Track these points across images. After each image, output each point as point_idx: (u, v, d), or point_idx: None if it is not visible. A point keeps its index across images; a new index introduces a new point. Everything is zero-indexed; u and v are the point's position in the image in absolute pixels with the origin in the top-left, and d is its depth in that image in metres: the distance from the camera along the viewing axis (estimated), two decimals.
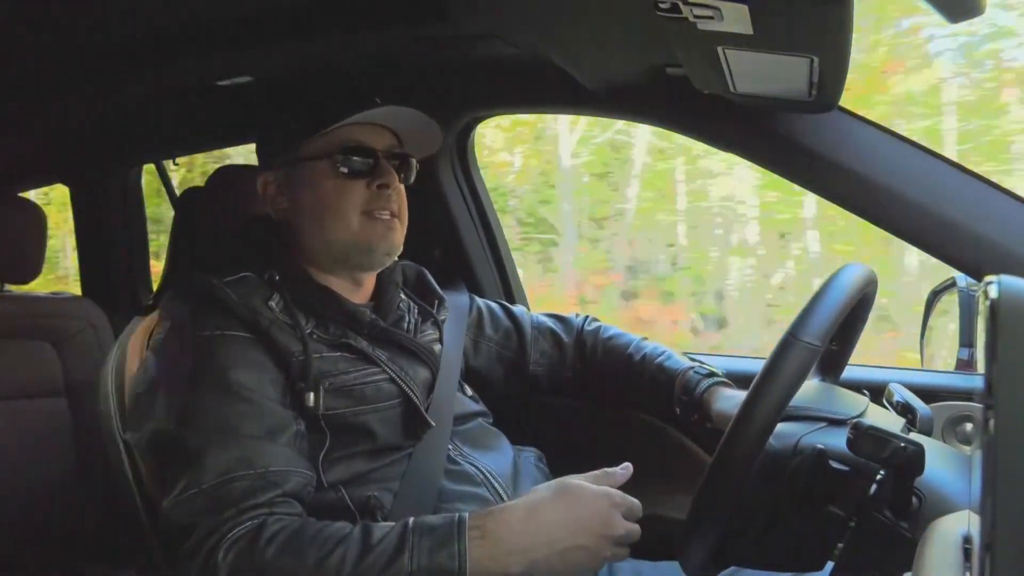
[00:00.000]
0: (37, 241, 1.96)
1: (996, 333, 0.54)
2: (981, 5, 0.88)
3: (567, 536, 0.95)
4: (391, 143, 1.22)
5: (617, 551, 0.97)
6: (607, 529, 0.96)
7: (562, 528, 0.95)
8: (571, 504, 0.97)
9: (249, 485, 0.98)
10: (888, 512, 0.89)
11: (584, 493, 0.98)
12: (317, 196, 1.17)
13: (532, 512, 0.96)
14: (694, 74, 1.23)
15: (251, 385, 1.04)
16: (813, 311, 0.91)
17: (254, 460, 1.00)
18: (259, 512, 0.97)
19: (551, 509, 0.96)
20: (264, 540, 0.93)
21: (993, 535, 0.52)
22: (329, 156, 1.17)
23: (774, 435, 0.92)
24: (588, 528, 0.96)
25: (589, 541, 0.96)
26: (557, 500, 0.97)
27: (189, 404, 1.03)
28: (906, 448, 0.85)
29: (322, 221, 1.17)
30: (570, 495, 0.98)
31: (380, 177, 1.17)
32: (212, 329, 1.07)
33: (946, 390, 1.35)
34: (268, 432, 1.03)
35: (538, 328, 1.46)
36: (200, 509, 0.97)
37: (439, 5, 1.24)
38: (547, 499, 0.98)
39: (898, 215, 1.26)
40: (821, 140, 1.30)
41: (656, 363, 1.35)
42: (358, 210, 1.17)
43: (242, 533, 0.94)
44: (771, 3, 0.90)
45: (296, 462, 1.03)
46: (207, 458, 0.99)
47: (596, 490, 0.98)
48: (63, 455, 1.89)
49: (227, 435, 1.01)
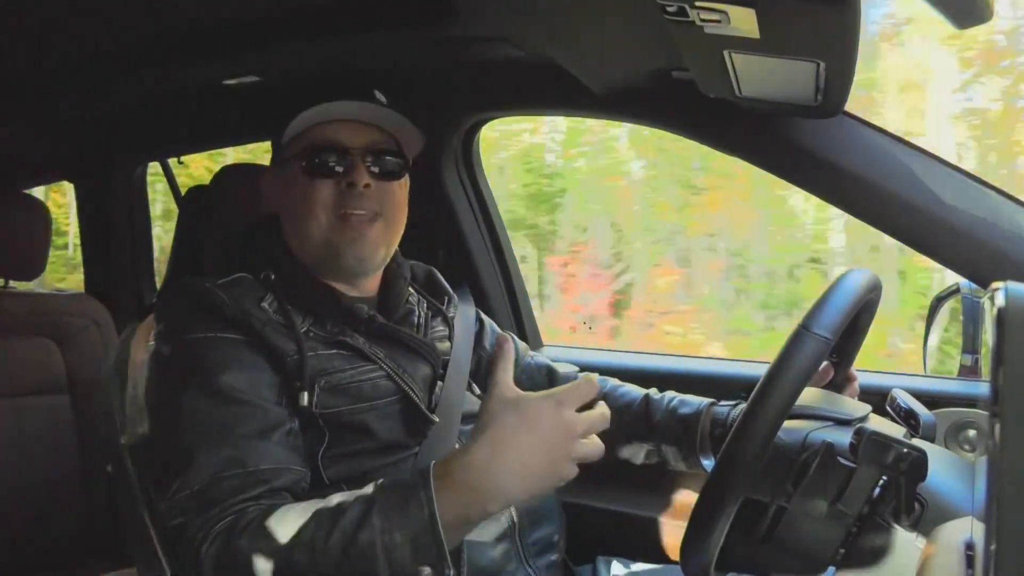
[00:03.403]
0: (41, 238, 1.97)
1: (1002, 340, 0.54)
2: (988, 11, 0.88)
3: (530, 455, 0.89)
4: (374, 140, 1.19)
5: (582, 446, 0.90)
6: (565, 429, 0.89)
7: (525, 450, 0.89)
8: (527, 422, 0.90)
9: (239, 483, 0.98)
10: (890, 517, 0.89)
11: (532, 404, 0.91)
12: (291, 196, 1.17)
13: (496, 446, 0.89)
14: (700, 78, 1.23)
15: (243, 387, 1.04)
16: (824, 305, 0.92)
17: (245, 459, 0.99)
18: (246, 506, 0.97)
19: (512, 437, 0.89)
20: (239, 529, 0.93)
21: (997, 541, 0.52)
22: (301, 155, 1.16)
23: (782, 430, 0.92)
24: (548, 438, 0.89)
25: (552, 450, 0.89)
26: (517, 425, 0.90)
27: (181, 407, 1.03)
28: (909, 454, 0.85)
29: (296, 221, 1.17)
30: (524, 414, 0.90)
31: (347, 176, 1.16)
32: (204, 331, 1.07)
33: (949, 396, 1.35)
34: (260, 431, 1.02)
35: (533, 358, 1.45)
36: (190, 508, 0.97)
37: (446, 7, 1.24)
38: (506, 426, 0.90)
39: (903, 220, 1.26)
40: (827, 145, 1.30)
41: (671, 408, 1.31)
42: (328, 210, 1.15)
43: (223, 528, 0.94)
44: (778, 7, 0.90)
45: (288, 459, 1.03)
46: (198, 459, 0.98)
47: (539, 396, 0.91)
48: (65, 452, 1.89)
49: (218, 436, 1.00)
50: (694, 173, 5.10)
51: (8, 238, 1.89)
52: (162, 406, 1.05)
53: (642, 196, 5.50)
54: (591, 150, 5.50)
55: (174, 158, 2.36)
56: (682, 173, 5.21)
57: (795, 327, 0.90)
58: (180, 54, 1.47)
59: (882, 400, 1.18)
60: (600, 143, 5.42)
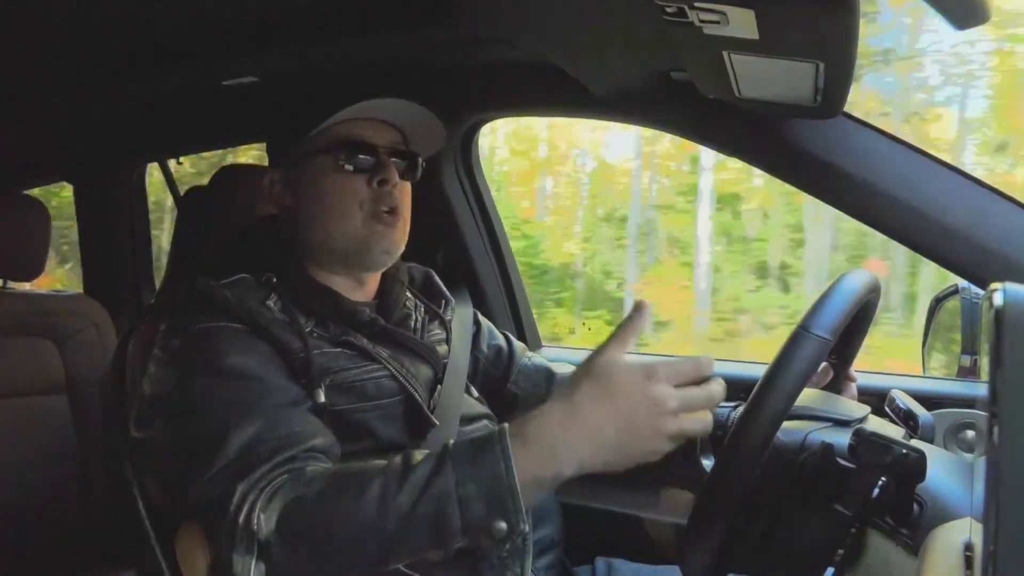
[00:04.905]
0: (40, 239, 1.97)
1: (1001, 341, 0.54)
2: (987, 12, 0.88)
3: (612, 422, 0.86)
4: (394, 140, 1.22)
5: (683, 422, 0.87)
6: (656, 406, 0.86)
7: (604, 416, 0.86)
8: (607, 387, 0.87)
9: (277, 444, 0.96)
10: (889, 519, 0.89)
11: (617, 371, 0.88)
12: (319, 192, 1.17)
13: (569, 408, 0.88)
14: (699, 79, 1.23)
15: (259, 369, 1.04)
16: (823, 305, 0.91)
17: (278, 424, 0.98)
18: (292, 465, 0.95)
19: (588, 400, 0.87)
20: (301, 484, 0.91)
21: (996, 543, 0.52)
22: (330, 152, 1.17)
23: (781, 431, 0.92)
24: (634, 410, 0.86)
25: (640, 423, 0.86)
26: (593, 388, 0.88)
27: (201, 393, 1.02)
28: (907, 455, 0.85)
29: (324, 217, 1.17)
30: (604, 379, 0.88)
31: (380, 173, 1.17)
32: (212, 321, 1.07)
33: (948, 397, 1.35)
34: (287, 403, 1.02)
35: (531, 359, 1.46)
36: (232, 475, 0.94)
37: (445, 8, 1.24)
38: (582, 391, 0.88)
39: (901, 221, 1.26)
40: (825, 146, 1.30)
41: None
42: (359, 206, 1.17)
43: (280, 483, 0.92)
44: (777, 8, 0.90)
45: (319, 426, 1.02)
46: (230, 435, 0.97)
47: (630, 366, 0.88)
48: (64, 453, 1.89)
49: (245, 410, 0.99)
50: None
51: (7, 239, 1.89)
52: (180, 396, 1.04)
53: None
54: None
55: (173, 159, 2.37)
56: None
57: (794, 328, 0.90)
58: (179, 55, 1.47)
59: (881, 401, 1.18)
60: None
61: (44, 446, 1.86)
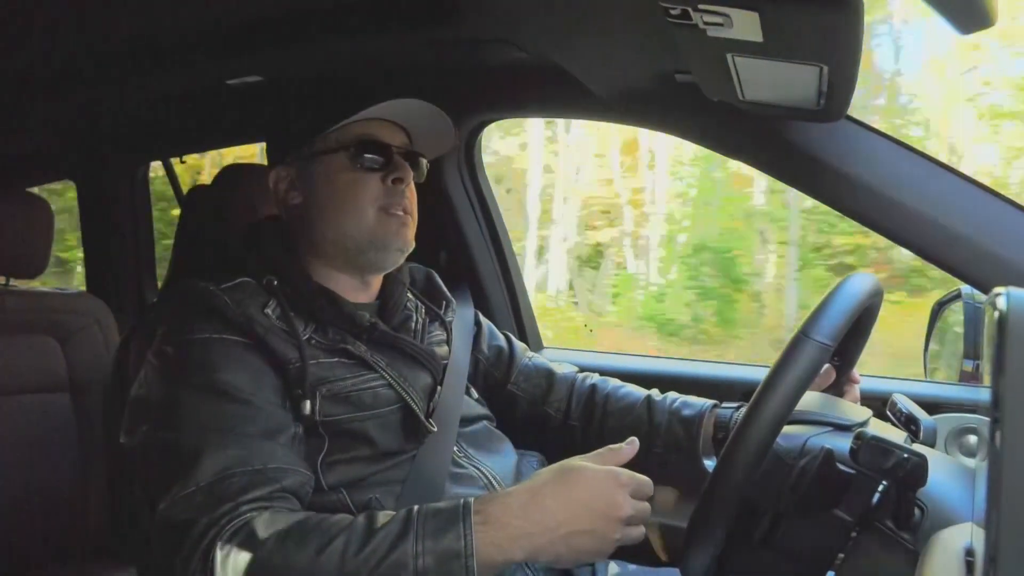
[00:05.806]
0: (43, 236, 1.97)
1: (1004, 346, 0.54)
2: (992, 16, 0.88)
3: (570, 519, 0.92)
4: (403, 140, 1.24)
5: (628, 531, 0.95)
6: (614, 510, 0.93)
7: (564, 511, 0.93)
8: (573, 486, 0.94)
9: (248, 481, 0.97)
10: (890, 523, 0.89)
11: (586, 474, 0.95)
12: (333, 189, 1.18)
13: (534, 496, 0.94)
14: (703, 81, 1.23)
15: (248, 388, 1.04)
16: (824, 311, 0.91)
17: (252, 457, 0.99)
18: (258, 505, 0.96)
19: (552, 493, 0.94)
20: (263, 529, 0.92)
21: (997, 548, 0.52)
22: (345, 150, 1.17)
23: (782, 435, 0.92)
24: (593, 510, 0.93)
25: (595, 524, 0.93)
26: (558, 483, 0.95)
27: (185, 406, 1.02)
28: (909, 459, 0.85)
29: (337, 215, 1.18)
30: (572, 477, 0.95)
31: (394, 172, 1.18)
32: (208, 332, 1.07)
33: (950, 402, 1.35)
34: (266, 432, 1.02)
35: (532, 360, 1.46)
36: (197, 505, 0.95)
37: (450, 9, 1.24)
38: (548, 482, 0.95)
39: (904, 225, 1.26)
40: (829, 149, 1.30)
41: (673, 410, 1.32)
42: (373, 205, 1.17)
43: (241, 524, 0.93)
44: (781, 11, 0.90)
45: (294, 461, 1.03)
46: (204, 458, 0.98)
47: (599, 470, 0.96)
48: (65, 451, 1.89)
49: (224, 435, 1.00)
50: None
51: (10, 236, 1.89)
52: (165, 405, 1.04)
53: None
54: None
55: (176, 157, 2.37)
56: None
57: (795, 333, 0.90)
58: (182, 54, 1.47)
59: (882, 405, 1.18)
60: None
61: (46, 443, 1.86)
